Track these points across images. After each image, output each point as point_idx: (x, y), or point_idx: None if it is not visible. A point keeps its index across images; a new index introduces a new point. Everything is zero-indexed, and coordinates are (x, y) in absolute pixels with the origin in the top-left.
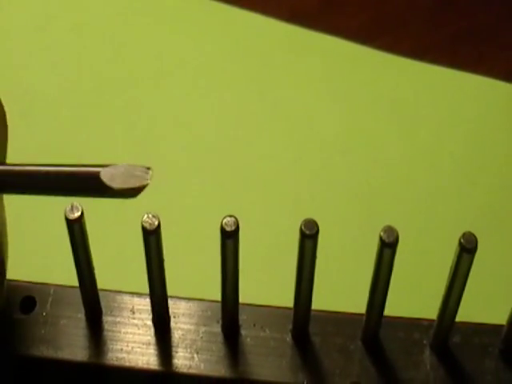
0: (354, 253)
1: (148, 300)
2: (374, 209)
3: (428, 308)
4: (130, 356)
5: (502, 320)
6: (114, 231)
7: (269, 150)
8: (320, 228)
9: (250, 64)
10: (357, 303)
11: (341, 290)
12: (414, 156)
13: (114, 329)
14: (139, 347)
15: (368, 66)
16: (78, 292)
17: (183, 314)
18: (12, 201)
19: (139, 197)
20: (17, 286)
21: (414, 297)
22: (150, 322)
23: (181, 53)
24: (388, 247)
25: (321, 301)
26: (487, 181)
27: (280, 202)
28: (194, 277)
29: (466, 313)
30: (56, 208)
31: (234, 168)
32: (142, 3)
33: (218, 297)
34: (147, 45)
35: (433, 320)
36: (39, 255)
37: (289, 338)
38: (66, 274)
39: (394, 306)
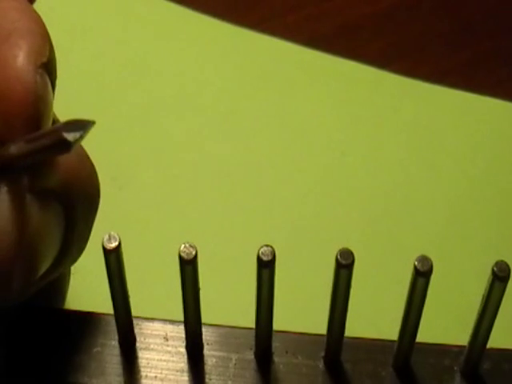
0: (386, 280)
1: (181, 327)
2: (405, 236)
3: (458, 334)
4: (164, 383)
5: None
6: (147, 258)
7: (287, 174)
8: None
9: (268, 87)
10: (387, 330)
11: (373, 317)
12: (433, 180)
13: (147, 356)
14: (173, 374)
15: (386, 90)
16: (111, 319)
17: (216, 341)
18: None
19: (174, 225)
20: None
21: (445, 323)
22: (183, 349)
23: (200, 77)
24: (422, 276)
25: (352, 327)
26: (507, 204)
27: (313, 230)
28: (226, 304)
29: (496, 339)
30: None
31: (263, 195)
32: (163, 28)
33: (250, 324)
34: (168, 69)
35: (463, 346)
36: (76, 280)
37: (321, 364)
38: (100, 301)
39: (425, 332)
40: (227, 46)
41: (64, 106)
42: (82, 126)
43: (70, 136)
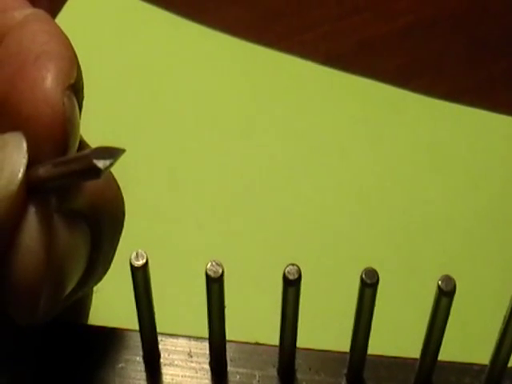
0: (408, 298)
1: (205, 344)
2: (427, 254)
3: (480, 353)
4: None
5: None
6: (173, 274)
7: (308, 192)
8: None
9: (285, 106)
10: (409, 348)
11: (394, 335)
12: (452, 198)
13: (171, 372)
14: None
15: (404, 109)
16: (135, 335)
17: (240, 358)
18: None
19: (200, 242)
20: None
21: (466, 341)
22: (207, 366)
23: (217, 94)
24: (446, 296)
25: (374, 345)
26: None
27: (337, 247)
28: (250, 321)
29: None
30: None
31: (286, 212)
32: (181, 45)
33: (272, 341)
34: (184, 85)
35: (484, 365)
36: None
37: (343, 381)
38: (124, 317)
39: (446, 350)
40: (245, 64)
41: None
42: (113, 153)
43: (100, 163)
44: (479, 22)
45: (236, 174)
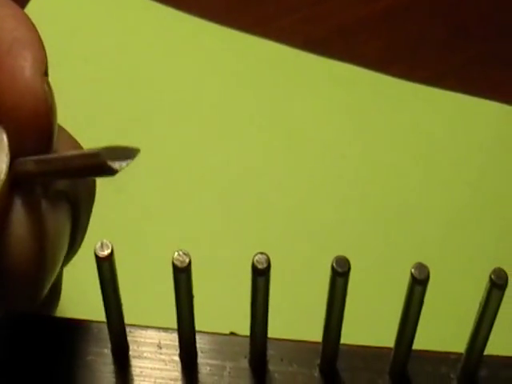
0: (382, 287)
1: (175, 335)
2: (402, 243)
3: (455, 341)
4: None
5: None
6: (141, 265)
7: (284, 181)
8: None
9: (262, 91)
10: (384, 337)
11: (368, 324)
12: (430, 183)
13: (140, 364)
14: (167, 383)
15: (382, 93)
16: (104, 327)
17: (210, 349)
18: None
19: (168, 232)
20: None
21: (442, 330)
22: (177, 358)
23: (195, 79)
24: (419, 284)
25: (348, 335)
26: (505, 209)
27: (309, 236)
28: (220, 312)
29: (493, 346)
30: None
31: (259, 200)
32: (157, 31)
33: (245, 331)
34: (163, 72)
35: (460, 354)
36: (66, 290)
37: (316, 372)
38: (92, 309)
39: (422, 339)
40: (222, 49)
41: (62, 109)
42: (129, 154)
43: (115, 165)
44: (457, 6)
45: (206, 159)
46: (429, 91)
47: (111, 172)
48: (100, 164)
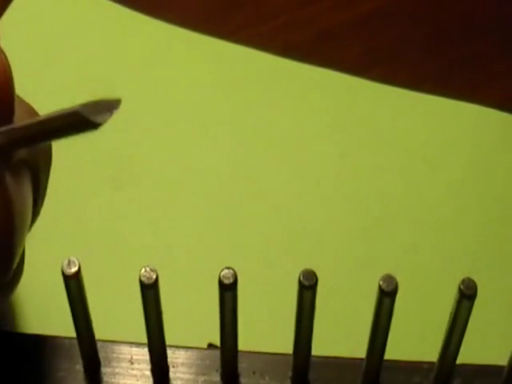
0: (352, 298)
1: (146, 350)
2: (372, 249)
3: (428, 350)
4: None
5: (503, 361)
6: (109, 282)
7: (263, 186)
8: (319, 273)
9: (243, 98)
10: (356, 348)
11: (339, 335)
12: (409, 187)
13: (112, 380)
14: None
15: (363, 98)
16: (75, 343)
17: (182, 364)
18: None
19: (137, 247)
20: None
21: (414, 339)
22: (148, 373)
23: (175, 88)
24: (387, 296)
25: (319, 346)
26: (485, 213)
27: (277, 250)
28: (190, 326)
29: (466, 354)
30: (52, 258)
31: (229, 213)
32: (136, 40)
33: (217, 345)
34: (136, 81)
35: (433, 363)
36: (35, 306)
37: None
38: (63, 325)
39: (394, 349)
40: (201, 57)
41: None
42: (111, 106)
43: (98, 119)
44: (438, 9)
45: (186, 166)
46: (409, 95)
47: (94, 126)
48: (81, 121)
